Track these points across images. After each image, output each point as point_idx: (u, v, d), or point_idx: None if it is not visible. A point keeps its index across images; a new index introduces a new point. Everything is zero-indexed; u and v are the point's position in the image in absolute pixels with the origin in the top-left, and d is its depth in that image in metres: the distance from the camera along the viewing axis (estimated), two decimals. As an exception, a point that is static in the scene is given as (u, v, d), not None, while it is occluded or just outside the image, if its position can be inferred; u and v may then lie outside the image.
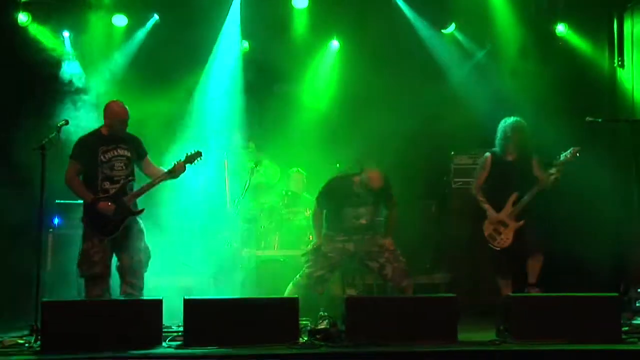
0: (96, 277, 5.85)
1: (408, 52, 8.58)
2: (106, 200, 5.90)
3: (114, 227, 5.89)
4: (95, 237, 5.89)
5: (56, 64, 8.08)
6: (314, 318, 5.52)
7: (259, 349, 4.85)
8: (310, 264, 6.14)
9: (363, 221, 6.24)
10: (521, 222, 6.32)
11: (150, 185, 6.09)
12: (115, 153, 5.98)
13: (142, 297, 5.88)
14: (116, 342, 4.90)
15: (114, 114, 6.01)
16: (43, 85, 8.03)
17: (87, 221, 5.97)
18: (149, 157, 6.26)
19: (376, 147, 8.31)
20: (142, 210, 6.07)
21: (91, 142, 6.00)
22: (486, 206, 6.47)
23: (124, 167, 6.00)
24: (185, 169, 6.12)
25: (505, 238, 6.35)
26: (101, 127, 6.09)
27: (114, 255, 6.00)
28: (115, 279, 6.08)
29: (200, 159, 6.16)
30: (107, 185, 5.93)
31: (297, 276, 6.22)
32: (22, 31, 7.93)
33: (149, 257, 6.10)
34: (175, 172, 6.08)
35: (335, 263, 6.24)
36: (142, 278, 6.02)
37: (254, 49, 8.71)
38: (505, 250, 6.39)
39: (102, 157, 5.93)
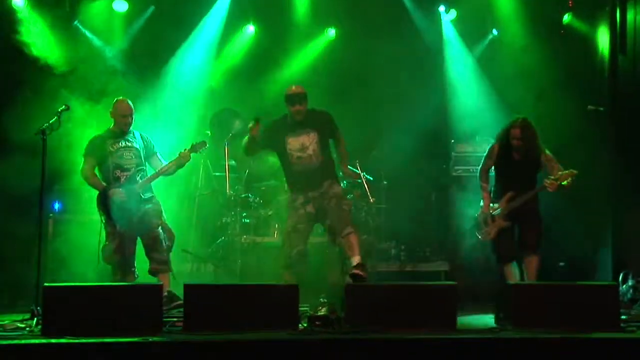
0: (117, 264, 6.08)
1: (407, 41, 8.55)
2: (117, 187, 6.12)
3: (129, 215, 6.08)
4: (112, 226, 6.11)
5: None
6: (312, 304, 5.52)
7: (258, 335, 4.86)
8: (285, 244, 6.01)
9: (310, 151, 5.95)
10: (507, 223, 6.17)
11: (157, 174, 6.33)
12: (124, 144, 6.28)
13: (171, 272, 6.17)
14: (116, 327, 4.90)
15: (117, 110, 6.32)
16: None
17: (104, 211, 6.16)
18: (159, 154, 6.44)
19: (375, 135, 8.33)
20: (152, 197, 6.28)
21: (101, 137, 6.33)
22: (484, 194, 6.36)
23: (133, 157, 6.27)
24: (190, 158, 6.36)
25: (489, 232, 6.25)
26: (110, 126, 6.39)
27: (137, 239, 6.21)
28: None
29: (206, 148, 6.44)
30: (118, 173, 6.19)
31: (281, 265, 6.05)
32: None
33: (172, 235, 6.29)
34: (181, 160, 6.31)
35: (306, 233, 5.99)
36: (166, 252, 6.17)
37: (257, 34, 8.71)
38: (494, 241, 6.26)
39: (110, 148, 6.23)
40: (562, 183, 5.99)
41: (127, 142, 6.30)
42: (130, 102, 6.38)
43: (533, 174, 6.24)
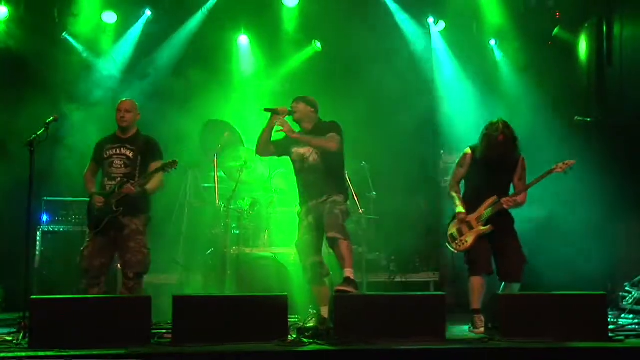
0: (92, 275, 5.87)
1: (397, 51, 8.60)
2: (100, 195, 5.93)
3: (97, 222, 5.90)
4: (91, 235, 5.94)
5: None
6: (302, 315, 5.51)
7: (248, 347, 4.85)
8: (300, 256, 6.03)
9: (311, 161, 5.87)
10: (487, 227, 5.85)
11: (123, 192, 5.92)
12: (117, 152, 6.02)
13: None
14: (105, 340, 4.88)
15: (118, 112, 6.05)
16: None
17: (87, 214, 6.05)
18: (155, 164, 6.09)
19: (366, 145, 8.35)
20: (119, 210, 5.87)
21: (103, 142, 6.13)
22: (458, 203, 6.00)
23: (121, 166, 5.99)
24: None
25: (465, 241, 5.89)
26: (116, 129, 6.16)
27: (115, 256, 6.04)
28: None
29: (175, 168, 6.01)
30: (106, 181, 6.01)
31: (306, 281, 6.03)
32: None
33: (146, 260, 5.95)
34: (147, 180, 5.98)
35: (314, 243, 5.92)
36: (138, 279, 5.90)
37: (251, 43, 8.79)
38: (470, 251, 5.91)
39: (104, 154, 6.02)
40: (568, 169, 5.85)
41: (120, 149, 6.01)
42: (131, 100, 6.11)
43: (509, 179, 5.97)
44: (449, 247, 6.06)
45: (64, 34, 8.37)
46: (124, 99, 6.17)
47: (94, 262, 5.85)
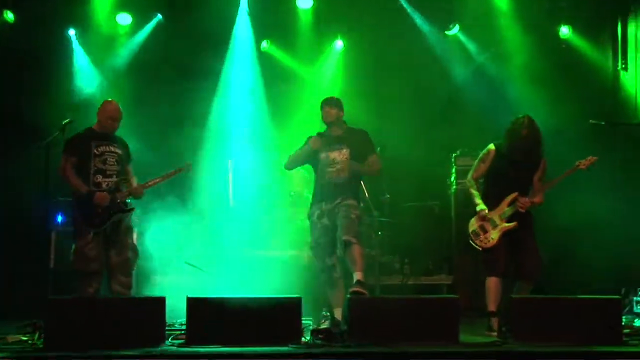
0: (92, 274, 5.89)
1: (412, 53, 8.60)
2: (104, 193, 5.94)
3: (101, 220, 5.92)
4: (89, 233, 5.90)
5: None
6: (315, 317, 5.52)
7: (261, 348, 4.86)
8: (316, 259, 6.08)
9: (339, 166, 5.97)
10: (512, 224, 5.83)
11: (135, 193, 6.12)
12: (108, 149, 6.06)
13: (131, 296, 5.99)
14: (119, 340, 4.91)
15: (107, 112, 6.11)
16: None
17: (78, 216, 5.99)
18: (131, 165, 6.32)
19: (379, 147, 8.34)
20: (132, 209, 6.11)
21: (84, 137, 6.07)
22: (477, 200, 5.97)
23: (115, 163, 6.07)
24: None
25: (490, 238, 5.85)
26: (93, 125, 6.17)
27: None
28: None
29: (183, 172, 6.31)
30: (99, 178, 5.98)
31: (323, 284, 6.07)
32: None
33: (137, 256, 6.15)
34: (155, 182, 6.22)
35: (329, 246, 5.96)
36: (132, 276, 6.05)
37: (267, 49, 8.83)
38: (494, 249, 5.87)
39: (95, 150, 6.00)
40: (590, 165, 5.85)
41: (111, 147, 6.07)
42: (119, 106, 6.18)
43: (531, 177, 5.95)
44: (472, 244, 5.99)
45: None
46: (116, 104, 6.17)
47: (99, 262, 5.91)
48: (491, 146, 6.03)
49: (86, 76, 8.41)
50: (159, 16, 8.59)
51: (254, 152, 8.10)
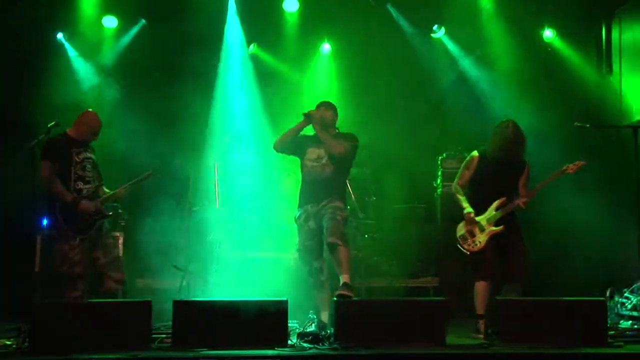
0: (77, 277, 5.91)
1: (397, 56, 8.63)
2: (87, 200, 6.01)
3: (87, 226, 5.98)
4: (72, 238, 5.93)
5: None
6: (301, 320, 5.52)
7: (247, 351, 4.85)
8: (302, 262, 6.09)
9: (324, 161, 5.98)
10: (499, 227, 5.88)
11: (113, 196, 6.24)
12: (86, 155, 6.14)
13: (125, 291, 6.18)
14: (105, 344, 4.89)
15: (89, 122, 6.19)
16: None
17: (61, 221, 5.96)
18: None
19: (365, 149, 8.36)
20: (110, 215, 6.27)
21: (63, 143, 6.08)
22: (464, 204, 6.01)
23: (92, 169, 6.15)
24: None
25: (478, 241, 5.90)
26: (67, 130, 6.17)
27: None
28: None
29: (150, 179, 6.32)
30: (80, 185, 6.04)
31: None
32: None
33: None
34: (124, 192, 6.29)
35: (316, 249, 5.98)
36: (124, 272, 6.25)
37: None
38: (482, 252, 5.93)
39: (76, 157, 6.06)
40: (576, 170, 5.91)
41: (87, 153, 6.15)
42: (99, 117, 6.25)
43: (516, 182, 6.00)
44: (460, 248, 6.04)
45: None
46: (97, 116, 6.24)
47: (83, 265, 5.93)
48: (474, 153, 6.07)
49: (74, 79, 8.36)
50: (143, 21, 8.57)
51: (242, 153, 8.08)
